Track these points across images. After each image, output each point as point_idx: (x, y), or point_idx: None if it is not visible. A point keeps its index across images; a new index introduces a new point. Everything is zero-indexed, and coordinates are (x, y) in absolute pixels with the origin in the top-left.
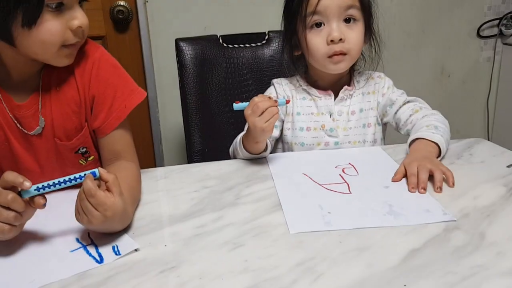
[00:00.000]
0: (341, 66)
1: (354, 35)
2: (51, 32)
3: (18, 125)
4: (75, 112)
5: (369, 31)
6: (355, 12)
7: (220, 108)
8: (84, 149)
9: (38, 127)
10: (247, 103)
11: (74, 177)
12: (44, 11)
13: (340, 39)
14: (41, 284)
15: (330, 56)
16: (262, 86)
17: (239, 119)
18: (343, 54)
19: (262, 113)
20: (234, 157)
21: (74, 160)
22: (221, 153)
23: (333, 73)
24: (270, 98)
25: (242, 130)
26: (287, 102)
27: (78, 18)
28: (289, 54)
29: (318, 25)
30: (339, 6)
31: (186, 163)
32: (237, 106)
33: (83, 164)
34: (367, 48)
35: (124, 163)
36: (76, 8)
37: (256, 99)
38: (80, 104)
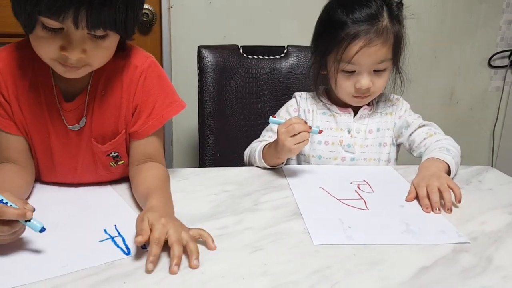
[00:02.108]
0: (363, 102)
1: (381, 81)
2: (42, 48)
3: (64, 119)
4: (114, 117)
5: (395, 67)
6: (386, 64)
7: (235, 115)
8: (116, 154)
9: (78, 124)
10: (283, 120)
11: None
12: (37, 27)
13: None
14: (73, 270)
15: (354, 96)
16: (278, 97)
17: (252, 127)
18: (367, 95)
19: (295, 134)
20: (249, 163)
21: (105, 161)
22: (233, 158)
23: None
24: (305, 123)
25: (254, 138)
26: (320, 132)
27: (68, 48)
28: (314, 72)
29: (350, 71)
30: (373, 62)
31: (196, 166)
32: (273, 120)
33: (113, 166)
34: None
35: (154, 163)
36: (74, 37)
37: (293, 120)
38: (121, 110)
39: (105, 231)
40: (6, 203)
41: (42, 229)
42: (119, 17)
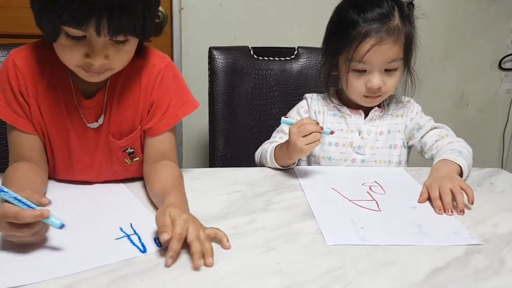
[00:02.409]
0: (374, 102)
1: (392, 81)
2: (66, 56)
3: (82, 117)
4: (132, 114)
5: (406, 67)
6: (397, 64)
7: (246, 116)
8: (132, 150)
9: (97, 122)
10: (295, 120)
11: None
12: (61, 35)
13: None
14: (90, 267)
15: (365, 96)
16: (288, 98)
17: (262, 128)
18: (378, 96)
19: (307, 135)
20: (260, 163)
21: (121, 158)
22: (243, 159)
23: None
24: (317, 123)
25: (264, 139)
26: (331, 133)
27: (92, 55)
28: (325, 73)
29: (361, 70)
30: (384, 61)
31: (206, 166)
32: (284, 120)
33: (128, 163)
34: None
35: (169, 162)
36: (97, 44)
37: (305, 120)
38: (138, 107)
39: (121, 229)
40: (20, 200)
41: (62, 226)
42: (138, 22)
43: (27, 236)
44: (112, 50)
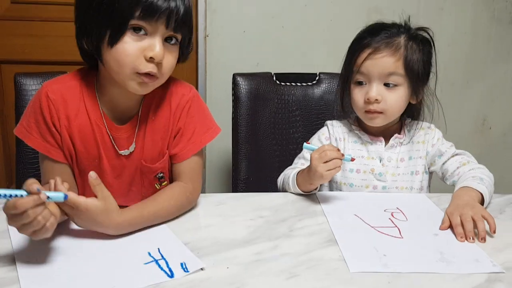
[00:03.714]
0: (376, 122)
1: (392, 97)
2: (126, 53)
3: (114, 144)
4: (162, 139)
5: (416, 91)
6: (397, 79)
7: (268, 140)
8: (161, 174)
9: (128, 150)
10: (317, 146)
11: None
12: (126, 33)
13: (376, 100)
14: None
15: (366, 111)
16: (310, 123)
17: (284, 152)
18: (378, 112)
19: (327, 161)
20: (283, 189)
21: (152, 182)
22: (265, 183)
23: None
24: (338, 150)
25: (286, 163)
26: (352, 160)
27: (153, 50)
28: (341, 98)
29: (361, 82)
30: (380, 72)
31: (229, 189)
32: (306, 146)
33: (157, 188)
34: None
35: (178, 183)
36: (156, 41)
37: (326, 146)
38: (167, 132)
39: (149, 254)
40: (7, 194)
41: (65, 196)
42: (190, 29)
43: (34, 225)
44: (165, 49)
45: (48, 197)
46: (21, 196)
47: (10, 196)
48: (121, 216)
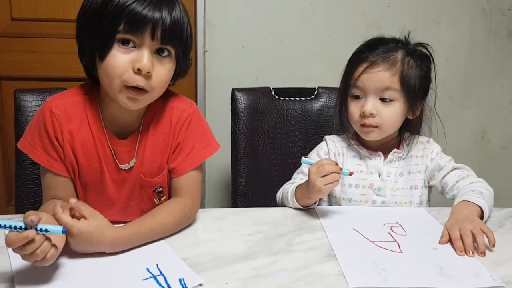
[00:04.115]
0: (371, 136)
1: (387, 112)
2: (115, 65)
3: (115, 158)
4: (161, 153)
5: (412, 107)
6: (393, 93)
7: (267, 155)
8: (161, 189)
9: (128, 164)
10: (315, 161)
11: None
12: (114, 46)
13: (371, 114)
14: None
15: (362, 125)
16: (308, 138)
17: (283, 166)
18: (373, 126)
19: (326, 175)
20: (282, 204)
21: (151, 197)
22: (264, 197)
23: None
24: (336, 164)
25: (286, 178)
26: (350, 174)
27: (140, 61)
28: (339, 112)
29: (357, 96)
30: (375, 86)
31: (228, 204)
32: (305, 160)
33: (156, 202)
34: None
35: (176, 199)
36: (144, 53)
37: (324, 161)
38: (167, 147)
39: (147, 269)
40: (7, 225)
41: (64, 230)
42: (182, 42)
43: (33, 257)
44: (156, 61)
45: (46, 230)
46: (20, 228)
47: (10, 227)
48: (117, 231)
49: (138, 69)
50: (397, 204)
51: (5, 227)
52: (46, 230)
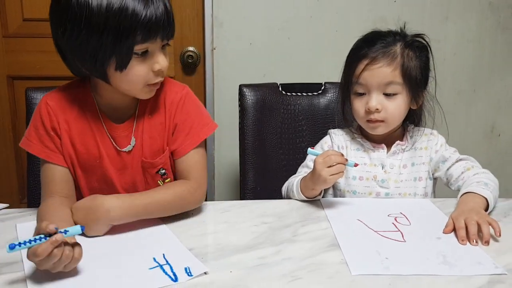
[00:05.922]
0: (378, 130)
1: (392, 106)
2: (138, 74)
3: (113, 143)
4: (160, 135)
5: (415, 97)
6: (396, 87)
7: (275, 150)
8: (163, 171)
9: (130, 145)
10: (320, 152)
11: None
12: (132, 58)
13: (377, 109)
14: None
15: (368, 121)
16: (316, 133)
17: (291, 161)
18: (380, 121)
19: (331, 165)
20: (287, 196)
21: (155, 179)
22: (272, 192)
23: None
24: (342, 155)
25: (293, 172)
26: (355, 165)
27: (159, 62)
28: (342, 107)
29: (360, 93)
30: (378, 82)
31: (237, 199)
32: (311, 151)
33: (161, 184)
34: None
35: (179, 180)
36: (158, 54)
37: (330, 151)
38: (165, 129)
39: (154, 259)
40: (33, 240)
41: (82, 228)
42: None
43: (58, 265)
44: (164, 54)
45: (66, 231)
46: (41, 239)
47: (35, 240)
48: (113, 196)
49: (160, 69)
50: (401, 196)
51: (29, 242)
52: (66, 231)
